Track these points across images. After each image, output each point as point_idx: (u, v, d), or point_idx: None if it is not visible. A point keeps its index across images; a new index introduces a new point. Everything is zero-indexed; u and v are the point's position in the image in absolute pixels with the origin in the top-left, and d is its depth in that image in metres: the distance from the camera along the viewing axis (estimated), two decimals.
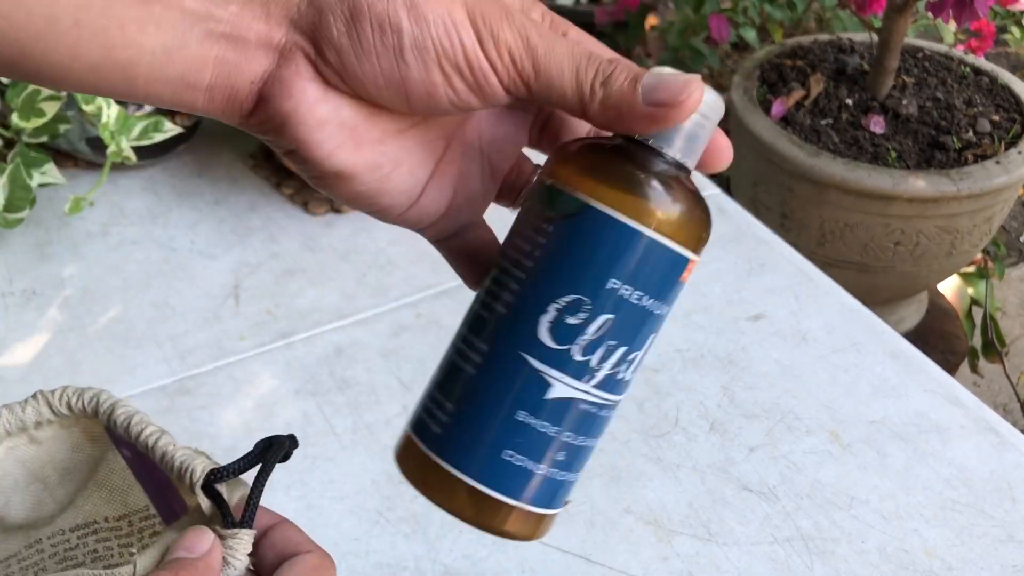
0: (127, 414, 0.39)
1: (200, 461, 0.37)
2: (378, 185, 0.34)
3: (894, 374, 0.76)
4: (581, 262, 0.33)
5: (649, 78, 0.32)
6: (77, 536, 0.42)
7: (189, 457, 0.37)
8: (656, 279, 0.33)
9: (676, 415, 0.73)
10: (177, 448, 0.37)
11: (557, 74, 0.32)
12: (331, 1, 0.31)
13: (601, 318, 0.33)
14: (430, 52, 0.31)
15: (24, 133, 0.87)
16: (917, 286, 1.59)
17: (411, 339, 0.78)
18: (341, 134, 0.33)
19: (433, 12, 0.31)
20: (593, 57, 0.32)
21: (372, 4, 0.31)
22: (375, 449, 0.71)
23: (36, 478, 0.42)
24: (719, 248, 0.89)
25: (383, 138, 0.34)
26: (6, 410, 0.41)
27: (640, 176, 0.33)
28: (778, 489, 0.68)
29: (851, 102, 1.52)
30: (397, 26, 0.31)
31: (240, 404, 0.74)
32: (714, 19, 1.69)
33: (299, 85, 0.32)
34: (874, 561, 0.64)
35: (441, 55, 0.31)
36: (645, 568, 0.63)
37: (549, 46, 0.32)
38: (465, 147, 0.37)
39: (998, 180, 1.39)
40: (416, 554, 0.64)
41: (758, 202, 1.53)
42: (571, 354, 0.33)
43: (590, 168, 0.33)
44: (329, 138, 0.33)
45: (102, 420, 0.40)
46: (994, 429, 0.72)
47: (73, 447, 0.42)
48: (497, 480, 0.34)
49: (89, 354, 0.78)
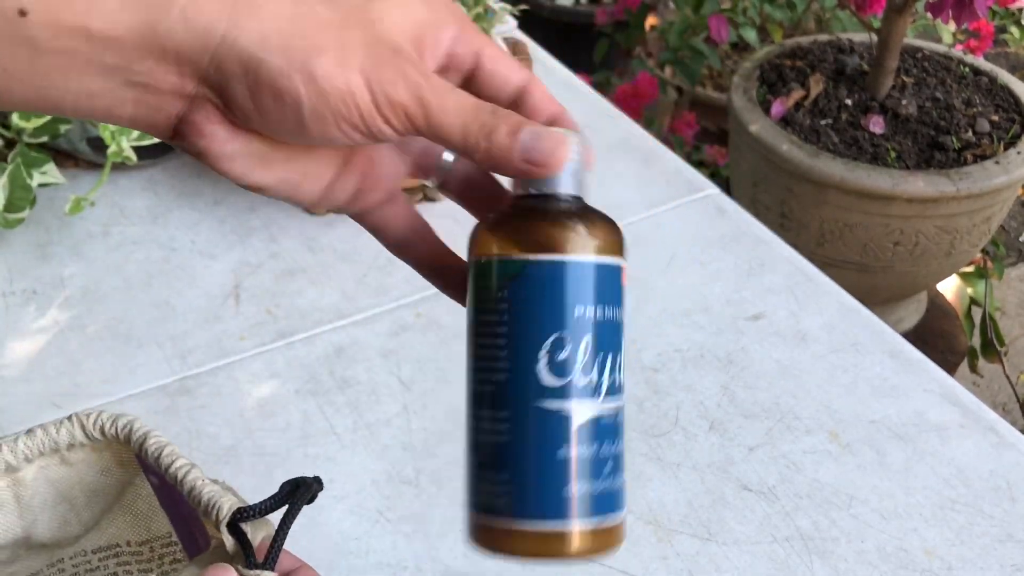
0: (159, 444, 0.40)
1: (228, 499, 0.38)
2: (290, 192, 0.38)
3: (894, 374, 0.77)
4: (546, 307, 0.38)
5: (526, 136, 0.36)
6: (99, 558, 0.42)
7: (217, 494, 0.38)
8: (606, 290, 0.39)
9: (676, 415, 0.73)
10: (206, 483, 0.38)
11: (447, 129, 0.35)
12: (235, 70, 0.33)
13: (583, 341, 0.38)
14: (328, 119, 0.34)
15: (25, 133, 0.87)
16: (917, 286, 1.59)
17: (411, 339, 0.79)
18: (251, 161, 0.36)
19: (331, 84, 0.33)
20: (480, 111, 0.36)
21: (273, 78, 0.33)
22: (375, 449, 0.71)
23: (64, 498, 0.43)
24: (719, 248, 0.89)
25: (291, 157, 0.37)
26: (40, 430, 0.41)
27: (556, 219, 0.38)
28: (777, 489, 0.68)
29: (851, 102, 1.52)
30: (296, 99, 0.33)
31: (240, 404, 0.74)
32: (714, 19, 1.69)
33: (209, 128, 0.35)
34: (873, 561, 0.64)
35: (339, 119, 0.34)
36: (645, 568, 0.63)
37: (440, 104, 0.35)
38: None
39: (997, 180, 1.39)
40: (416, 554, 0.64)
41: (758, 202, 1.53)
42: (575, 382, 0.38)
43: (514, 232, 0.39)
44: (240, 165, 0.36)
45: (134, 447, 0.40)
46: (994, 429, 0.72)
47: (102, 470, 0.43)
48: (572, 513, 0.38)
49: (89, 354, 0.78)
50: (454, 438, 0.70)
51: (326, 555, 0.64)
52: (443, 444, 0.71)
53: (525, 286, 0.38)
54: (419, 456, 0.70)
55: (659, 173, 0.99)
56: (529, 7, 1.29)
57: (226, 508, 0.37)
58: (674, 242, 0.90)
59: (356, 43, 0.34)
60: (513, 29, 1.21)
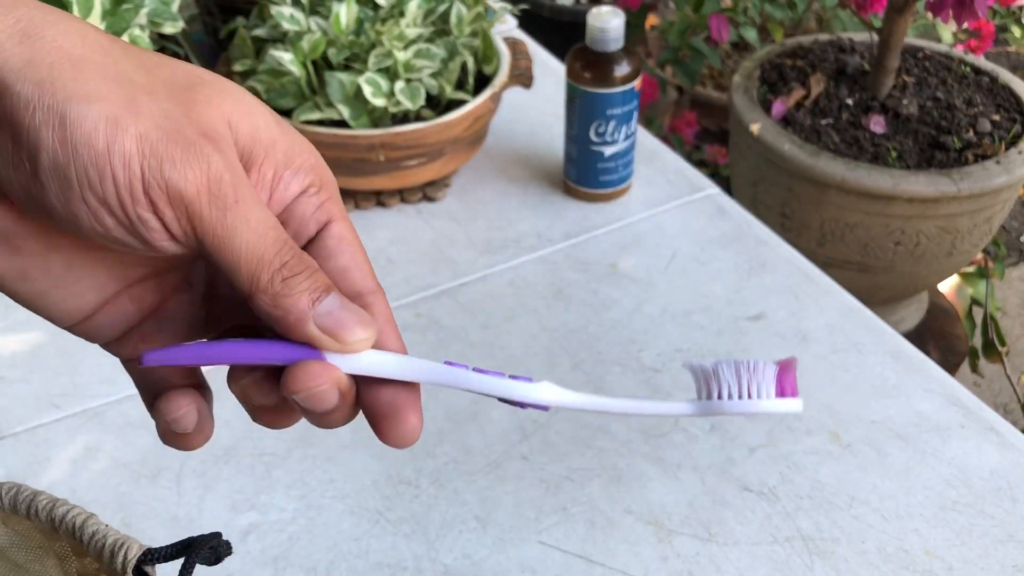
0: (50, 499, 0.38)
1: (134, 542, 0.37)
2: (30, 296, 0.30)
3: (894, 374, 0.76)
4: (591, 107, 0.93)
5: (333, 301, 0.29)
6: None
7: (123, 537, 0.37)
8: (625, 100, 0.92)
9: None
10: (109, 528, 0.37)
11: (233, 250, 0.28)
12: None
13: (611, 123, 0.92)
14: (72, 184, 0.26)
15: None
16: (917, 286, 1.59)
17: (411, 339, 0.78)
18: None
19: (85, 136, 0.26)
20: (287, 248, 0.28)
21: (15, 109, 0.26)
22: (375, 449, 0.71)
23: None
24: (719, 248, 0.89)
25: (50, 248, 0.29)
26: None
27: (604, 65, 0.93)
28: (778, 489, 0.68)
29: (851, 102, 1.52)
30: (34, 144, 0.26)
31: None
32: (714, 19, 1.69)
33: None
34: (874, 561, 0.64)
35: (86, 187, 0.26)
36: (645, 568, 0.63)
37: (242, 214, 0.27)
38: (178, 275, 0.32)
39: (998, 180, 1.39)
40: (416, 554, 0.64)
41: (758, 202, 1.53)
42: (606, 138, 0.91)
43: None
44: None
45: (20, 510, 0.39)
46: (994, 429, 0.72)
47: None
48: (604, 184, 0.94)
49: (89, 354, 0.78)
50: (454, 438, 0.70)
51: (326, 555, 0.64)
52: (443, 444, 0.70)
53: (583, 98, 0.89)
54: (419, 456, 0.70)
55: (659, 173, 0.98)
56: (529, 7, 1.29)
57: (135, 550, 0.36)
58: (674, 242, 0.90)
59: (151, 110, 0.27)
60: (513, 29, 1.21)
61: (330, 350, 0.30)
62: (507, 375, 0.32)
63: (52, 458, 0.70)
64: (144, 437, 0.72)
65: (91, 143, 0.26)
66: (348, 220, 0.32)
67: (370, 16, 0.90)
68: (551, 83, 1.10)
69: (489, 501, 0.67)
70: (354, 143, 0.87)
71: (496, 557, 0.64)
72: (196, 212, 0.27)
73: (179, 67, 0.29)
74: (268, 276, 0.28)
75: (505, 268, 0.86)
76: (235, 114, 0.29)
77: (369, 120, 0.88)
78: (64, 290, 0.30)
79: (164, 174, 0.26)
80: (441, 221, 0.91)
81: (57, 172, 0.26)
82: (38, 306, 0.31)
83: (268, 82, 0.88)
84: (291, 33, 0.89)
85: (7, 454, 0.71)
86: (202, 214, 0.27)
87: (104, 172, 0.26)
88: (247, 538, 0.65)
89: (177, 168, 0.26)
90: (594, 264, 0.87)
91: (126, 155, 0.26)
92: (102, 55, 0.27)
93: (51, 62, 0.26)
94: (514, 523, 0.66)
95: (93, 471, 0.70)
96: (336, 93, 0.87)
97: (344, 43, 0.88)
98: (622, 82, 0.88)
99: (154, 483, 0.69)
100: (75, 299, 0.31)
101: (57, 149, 0.26)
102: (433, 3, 0.92)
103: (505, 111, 1.05)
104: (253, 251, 0.27)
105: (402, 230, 0.91)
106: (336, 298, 0.29)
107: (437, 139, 0.88)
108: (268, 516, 0.67)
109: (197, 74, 0.29)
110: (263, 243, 0.28)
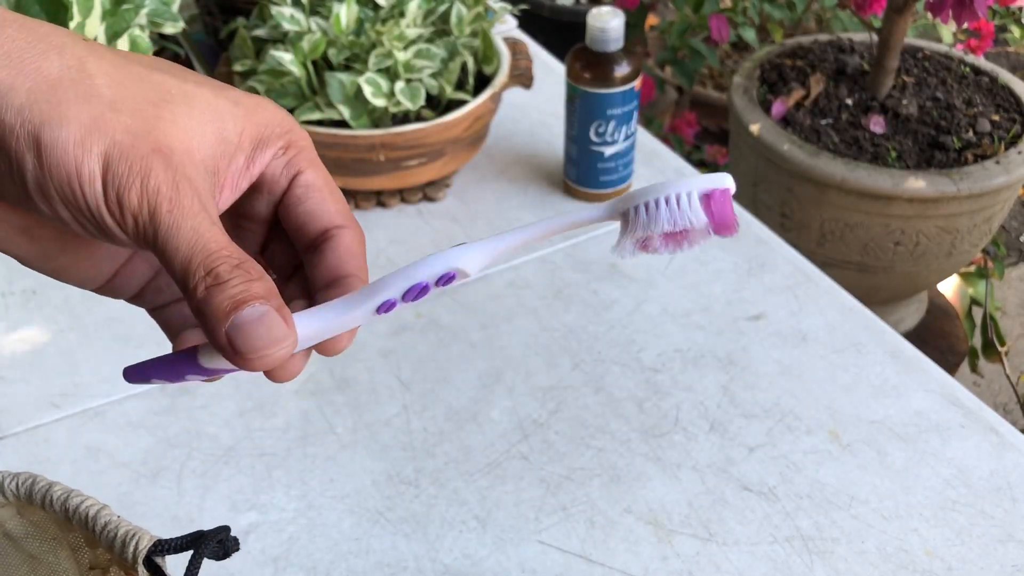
0: (64, 490, 0.39)
1: (145, 533, 0.37)
2: (58, 272, 0.35)
3: (894, 374, 0.76)
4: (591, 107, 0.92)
5: (246, 316, 0.30)
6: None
7: (135, 528, 0.37)
8: (625, 100, 0.92)
9: (676, 415, 0.73)
10: (121, 520, 0.38)
11: (171, 255, 0.30)
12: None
13: (611, 123, 0.92)
14: (54, 198, 0.30)
15: None
16: (917, 286, 1.59)
17: (411, 339, 0.78)
18: (10, 230, 0.33)
19: (57, 159, 0.29)
20: (215, 258, 0.30)
21: (2, 137, 0.29)
22: (375, 449, 0.71)
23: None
24: (719, 248, 0.89)
25: (60, 236, 0.33)
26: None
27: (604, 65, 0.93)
28: (778, 489, 0.68)
29: (851, 102, 1.52)
30: (20, 167, 0.29)
31: (240, 404, 0.74)
32: (714, 19, 1.69)
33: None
34: (874, 561, 0.64)
35: (66, 201, 0.30)
36: (645, 568, 0.63)
37: (174, 226, 0.30)
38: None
39: (998, 180, 1.39)
40: (416, 554, 0.64)
41: (758, 202, 1.53)
42: (606, 139, 0.91)
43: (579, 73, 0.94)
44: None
45: (35, 500, 0.39)
46: (994, 429, 0.72)
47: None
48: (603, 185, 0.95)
49: (89, 354, 0.78)
50: (454, 438, 0.70)
51: (326, 555, 0.64)
52: (443, 444, 0.70)
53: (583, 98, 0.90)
54: (419, 456, 0.70)
55: (659, 173, 0.98)
56: (529, 7, 1.29)
57: (145, 540, 0.37)
58: None
59: (114, 127, 0.30)
60: (513, 29, 1.21)
61: (234, 363, 0.31)
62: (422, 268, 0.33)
63: (52, 458, 0.70)
64: (144, 437, 0.72)
65: (63, 164, 0.29)
66: (319, 168, 0.35)
67: (370, 16, 0.90)
68: (551, 83, 1.10)
69: (489, 501, 0.67)
70: (354, 143, 0.87)
71: (496, 557, 0.64)
72: (143, 224, 0.30)
73: (153, 81, 0.32)
74: (193, 283, 0.30)
75: (505, 268, 0.86)
76: (199, 126, 0.32)
77: (369, 120, 0.88)
78: (82, 263, 0.35)
79: (119, 194, 0.30)
80: (441, 221, 0.91)
81: (40, 191, 0.30)
82: (63, 278, 0.35)
83: (268, 82, 0.88)
84: (291, 33, 0.89)
85: (7, 454, 0.71)
86: (146, 227, 0.30)
87: (75, 189, 0.30)
88: (247, 538, 0.65)
89: (124, 183, 0.30)
90: (594, 264, 0.87)
91: (90, 175, 0.30)
92: (77, 71, 0.30)
93: (29, 87, 0.29)
94: (514, 523, 0.66)
95: (93, 471, 0.70)
96: (336, 93, 0.87)
97: (344, 43, 0.88)
98: (622, 82, 0.88)
99: (154, 483, 0.69)
100: (93, 269, 0.35)
101: (38, 171, 0.29)
102: (433, 3, 0.92)
103: (505, 111, 1.05)
104: (184, 258, 0.30)
105: (402, 230, 0.91)
106: (258, 309, 0.30)
107: (437, 139, 0.88)
108: (268, 516, 0.67)
109: (167, 88, 0.32)
110: (192, 251, 0.30)
